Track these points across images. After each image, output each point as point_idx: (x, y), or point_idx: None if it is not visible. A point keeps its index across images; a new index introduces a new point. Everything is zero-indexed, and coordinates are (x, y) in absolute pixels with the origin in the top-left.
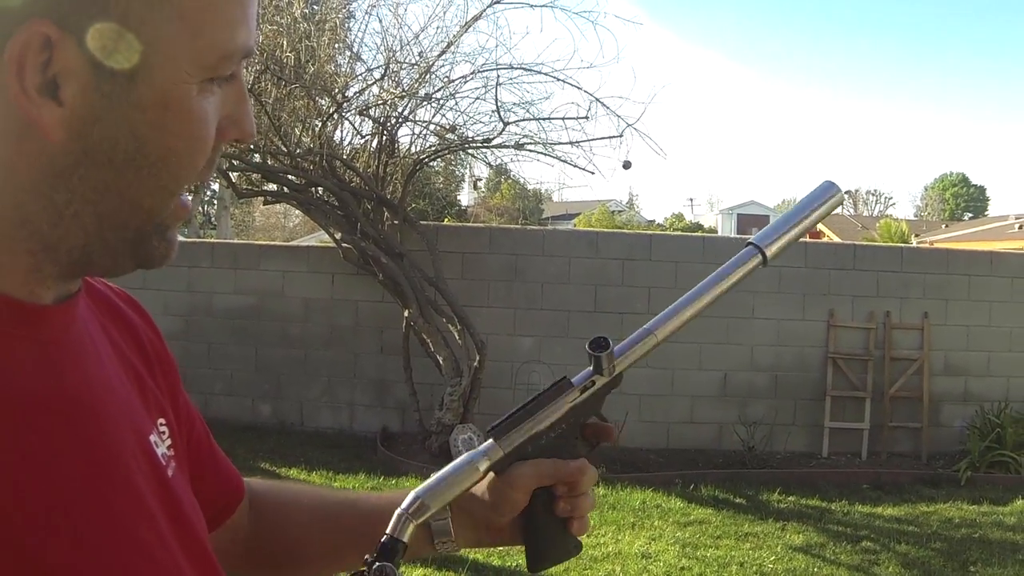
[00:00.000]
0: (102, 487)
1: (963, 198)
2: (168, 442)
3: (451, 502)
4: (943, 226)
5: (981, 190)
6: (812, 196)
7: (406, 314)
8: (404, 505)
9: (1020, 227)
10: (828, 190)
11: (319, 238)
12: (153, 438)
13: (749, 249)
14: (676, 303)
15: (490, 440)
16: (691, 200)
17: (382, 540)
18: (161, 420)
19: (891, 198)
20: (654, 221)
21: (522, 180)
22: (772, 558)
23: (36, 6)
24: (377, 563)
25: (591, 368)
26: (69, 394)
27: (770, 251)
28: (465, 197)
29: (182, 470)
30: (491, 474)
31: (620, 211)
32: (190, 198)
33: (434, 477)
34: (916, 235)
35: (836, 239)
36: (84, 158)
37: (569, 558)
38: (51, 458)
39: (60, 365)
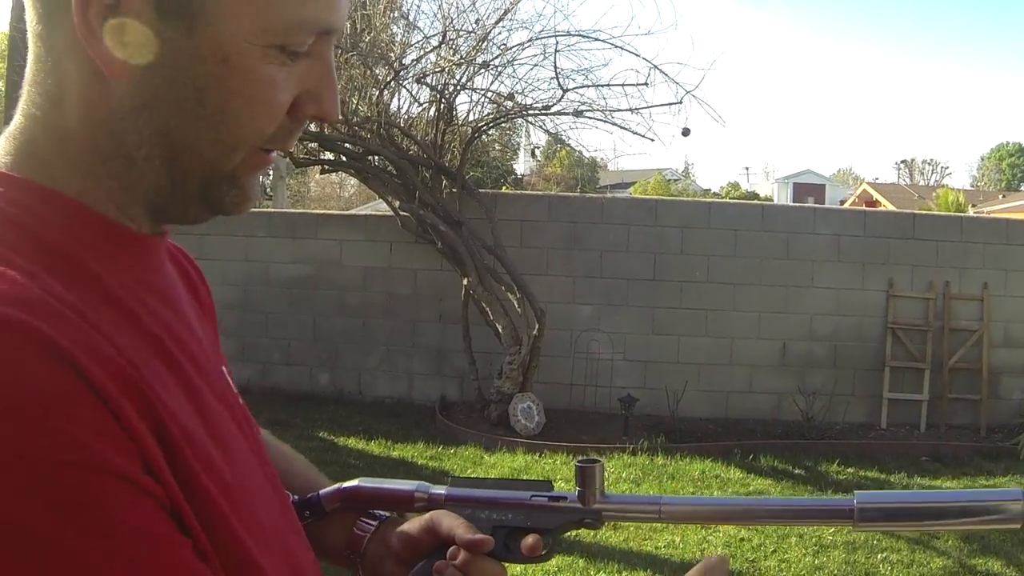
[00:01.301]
0: (201, 401)
1: (1020, 168)
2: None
3: (379, 506)
4: (1000, 196)
5: None
6: (983, 493)
7: (465, 282)
8: (346, 484)
9: None
10: (1007, 496)
11: (375, 207)
12: (224, 368)
13: (848, 502)
14: (710, 501)
15: (443, 487)
16: (747, 169)
17: (310, 495)
18: (226, 366)
19: (947, 167)
20: (710, 190)
21: (579, 148)
22: (832, 530)
23: None
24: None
25: (577, 490)
26: (164, 317)
27: (860, 507)
28: (521, 166)
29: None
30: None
31: (676, 180)
32: (274, 154)
33: (383, 480)
34: (973, 205)
35: (893, 209)
36: (149, 101)
37: None
38: (160, 370)
39: (159, 289)
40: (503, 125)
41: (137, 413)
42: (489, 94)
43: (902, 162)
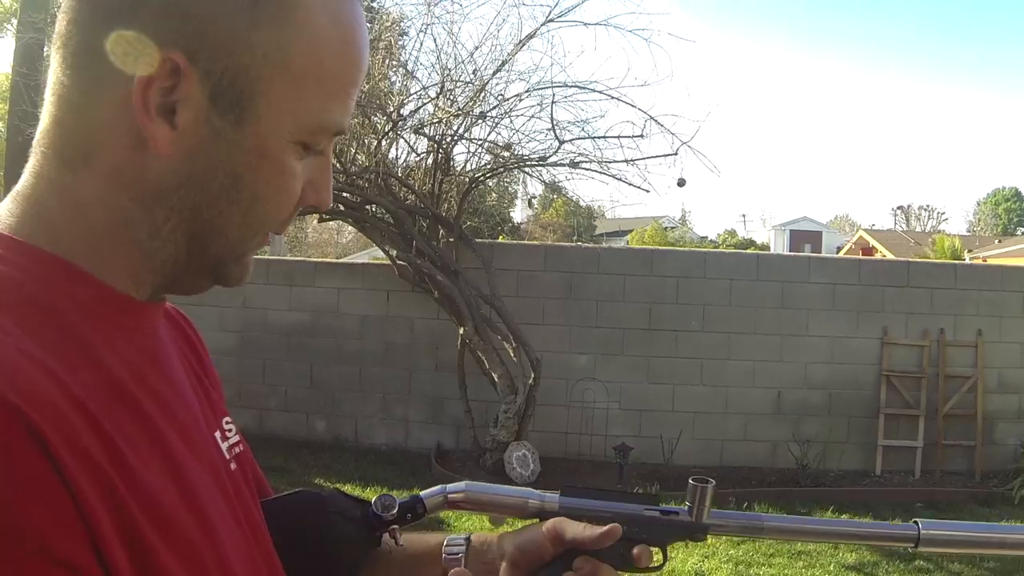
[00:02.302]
0: (177, 465)
1: (1016, 213)
2: (234, 439)
3: (486, 510)
4: (996, 241)
5: None
6: (1020, 528)
7: (461, 331)
8: (451, 486)
9: None
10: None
11: (372, 254)
12: (217, 434)
13: (910, 525)
14: (811, 521)
15: (556, 493)
16: (743, 216)
17: (410, 497)
18: (227, 419)
19: (944, 213)
20: (706, 237)
21: (575, 197)
22: None
23: (175, 36)
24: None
25: (687, 505)
26: (152, 383)
27: (924, 535)
28: (518, 214)
29: (243, 467)
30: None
31: (673, 227)
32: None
33: (489, 484)
34: (969, 250)
35: (889, 255)
36: (186, 181)
37: None
38: (136, 436)
39: (151, 355)
40: (500, 174)
41: (98, 495)
42: (486, 144)
43: (898, 208)
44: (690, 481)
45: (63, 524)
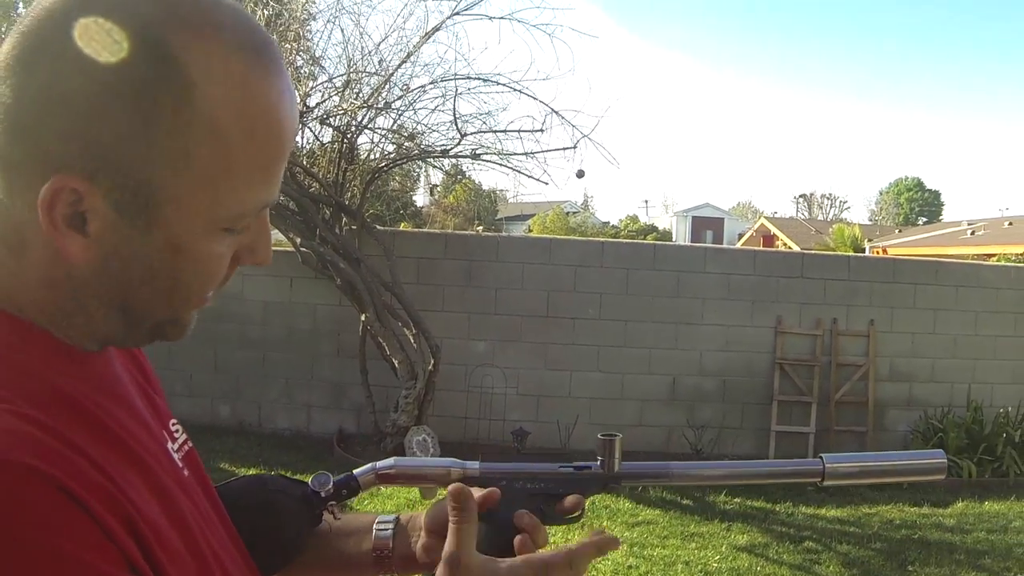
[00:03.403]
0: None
1: (918, 203)
2: (181, 438)
3: (413, 483)
4: (897, 231)
5: (935, 195)
6: (914, 453)
7: (363, 318)
8: (380, 463)
9: (972, 233)
10: (933, 456)
11: (276, 240)
12: (170, 445)
13: (815, 460)
14: (716, 465)
15: (477, 461)
16: (646, 202)
17: (344, 475)
18: (172, 421)
19: (846, 202)
20: (608, 223)
21: (478, 183)
22: (717, 557)
23: (68, 159)
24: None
25: (599, 459)
26: (124, 420)
27: (830, 468)
28: (421, 198)
29: (193, 468)
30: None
31: (575, 212)
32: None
33: (416, 459)
34: (869, 240)
35: (792, 244)
36: (106, 279)
37: None
38: (126, 470)
39: (117, 394)
40: (403, 164)
41: (117, 522)
42: (390, 135)
43: (801, 196)
44: (599, 436)
45: (102, 551)
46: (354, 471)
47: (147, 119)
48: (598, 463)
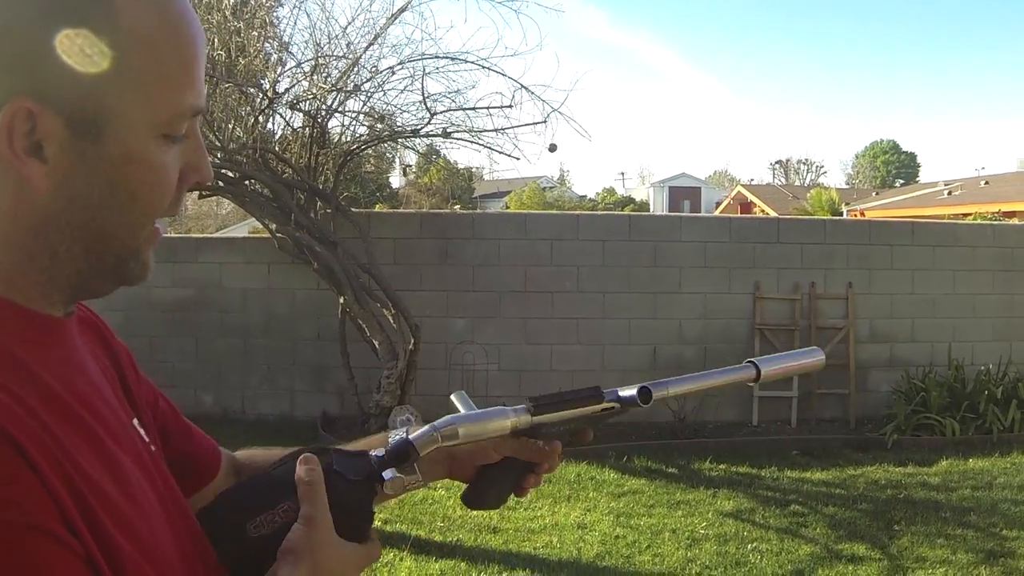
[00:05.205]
0: (108, 463)
1: (894, 165)
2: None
3: (475, 440)
4: (874, 193)
5: (912, 157)
6: (803, 351)
7: (341, 301)
8: (438, 423)
9: (949, 193)
10: (814, 352)
11: (251, 225)
12: (134, 421)
13: (748, 365)
14: (690, 376)
15: (525, 406)
16: (622, 174)
17: (397, 439)
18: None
19: (823, 167)
20: (585, 196)
21: (453, 162)
22: (703, 524)
23: (18, 85)
24: (393, 445)
25: (617, 392)
26: (80, 389)
27: (764, 369)
28: (396, 180)
29: (158, 447)
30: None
31: (551, 187)
32: (161, 227)
33: (471, 413)
34: (847, 204)
35: (769, 210)
36: (68, 203)
37: (495, 508)
38: (75, 437)
39: (74, 364)
40: (375, 146)
41: (58, 480)
42: (361, 117)
43: (777, 163)
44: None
45: (41, 503)
46: (410, 436)
47: None
48: (615, 393)
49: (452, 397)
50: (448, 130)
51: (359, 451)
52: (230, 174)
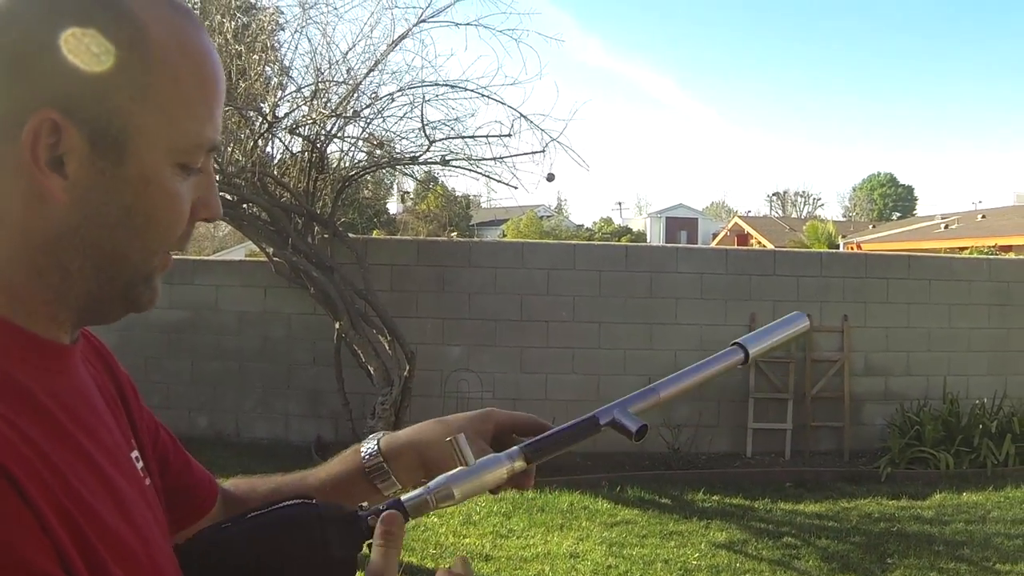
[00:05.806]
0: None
1: (891, 198)
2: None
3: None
4: (871, 226)
5: (909, 190)
6: (785, 320)
7: (337, 326)
8: (432, 484)
9: (946, 227)
10: (798, 318)
11: (249, 248)
12: (134, 454)
13: (735, 349)
14: (682, 373)
15: (520, 451)
16: (619, 204)
17: (391, 502)
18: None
19: (820, 199)
20: (582, 226)
21: (451, 189)
22: (696, 555)
23: (46, 97)
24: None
25: (614, 413)
26: (84, 418)
27: (752, 349)
28: (393, 206)
29: (154, 482)
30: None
31: (548, 216)
32: (173, 255)
33: (464, 471)
34: (843, 236)
35: (766, 242)
36: (84, 221)
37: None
38: (78, 466)
39: (79, 392)
40: (374, 172)
41: (55, 516)
42: (360, 143)
43: (774, 195)
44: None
45: (35, 544)
46: (402, 497)
47: None
48: (611, 413)
49: (454, 443)
50: (447, 158)
51: (350, 512)
52: (228, 197)
